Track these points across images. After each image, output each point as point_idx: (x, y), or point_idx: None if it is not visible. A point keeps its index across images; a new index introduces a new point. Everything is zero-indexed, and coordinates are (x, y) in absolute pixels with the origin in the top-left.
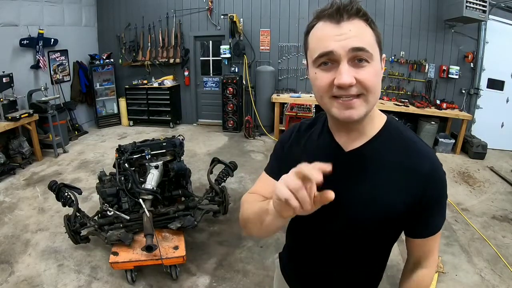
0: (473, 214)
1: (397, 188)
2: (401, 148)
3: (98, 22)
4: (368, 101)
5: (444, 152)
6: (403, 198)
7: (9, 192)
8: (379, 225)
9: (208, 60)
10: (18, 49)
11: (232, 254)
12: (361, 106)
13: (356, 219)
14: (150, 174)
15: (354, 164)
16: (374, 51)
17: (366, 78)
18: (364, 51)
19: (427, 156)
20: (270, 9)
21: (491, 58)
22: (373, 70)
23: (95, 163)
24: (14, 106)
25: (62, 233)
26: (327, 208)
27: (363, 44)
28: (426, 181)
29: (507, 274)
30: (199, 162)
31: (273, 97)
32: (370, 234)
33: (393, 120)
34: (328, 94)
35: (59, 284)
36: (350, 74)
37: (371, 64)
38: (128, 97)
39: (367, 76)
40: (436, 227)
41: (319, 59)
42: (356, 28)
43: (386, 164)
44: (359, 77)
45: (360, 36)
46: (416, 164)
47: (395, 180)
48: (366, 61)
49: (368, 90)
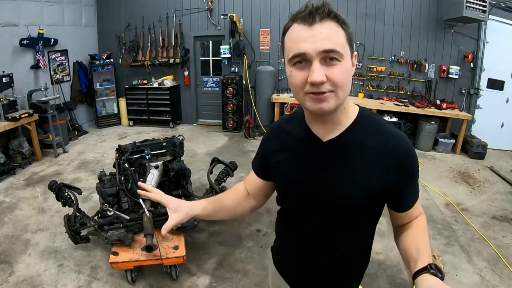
0: (473, 214)
1: (378, 170)
2: (377, 133)
3: (98, 22)
4: (338, 95)
5: (444, 152)
6: (385, 178)
7: (9, 192)
8: (362, 207)
9: (208, 60)
10: (18, 49)
11: (232, 254)
12: (331, 100)
13: (339, 205)
14: (150, 174)
15: (332, 153)
16: (345, 51)
17: (336, 76)
18: (334, 52)
19: (401, 137)
20: (270, 9)
21: (491, 58)
22: (343, 68)
23: (95, 163)
24: (14, 106)
25: (62, 233)
26: (311, 196)
27: (334, 46)
28: (404, 159)
29: (507, 274)
30: (199, 162)
31: (273, 97)
32: (354, 217)
33: (365, 110)
34: (303, 90)
35: (59, 284)
36: (321, 73)
37: (341, 62)
38: (128, 97)
39: (337, 74)
40: (415, 197)
41: (294, 59)
42: (327, 30)
43: (365, 149)
44: (329, 75)
45: (331, 38)
46: (393, 146)
47: (375, 162)
48: (337, 59)
49: (338, 86)
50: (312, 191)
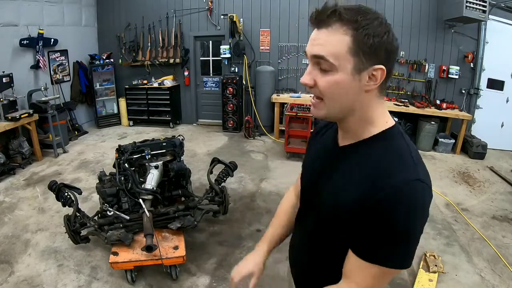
0: (473, 214)
1: (355, 185)
2: (380, 154)
3: (98, 22)
4: (327, 105)
5: (444, 152)
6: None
7: (9, 192)
8: (334, 217)
9: (208, 60)
10: (18, 49)
11: (232, 254)
12: (321, 108)
13: (323, 207)
14: (150, 174)
15: (339, 158)
16: (340, 62)
17: (321, 85)
18: (323, 59)
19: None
20: (270, 9)
21: (491, 58)
22: (331, 79)
23: (95, 163)
24: (14, 106)
25: (62, 233)
26: (311, 197)
27: (323, 53)
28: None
29: (507, 274)
30: (199, 162)
31: (273, 97)
32: (329, 225)
33: (396, 131)
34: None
35: (59, 284)
36: (309, 76)
37: (332, 73)
38: (128, 97)
39: (323, 83)
40: (373, 255)
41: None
42: (327, 36)
43: (359, 163)
44: (318, 82)
45: (325, 45)
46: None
47: (356, 177)
48: (327, 69)
49: (324, 95)
50: (312, 192)
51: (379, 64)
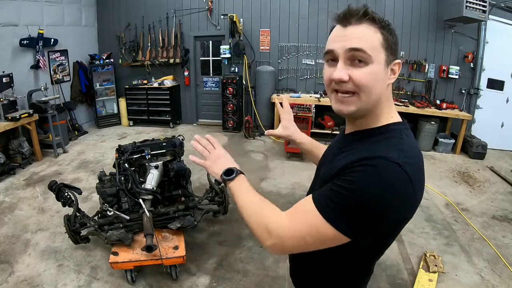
0: (473, 214)
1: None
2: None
3: (98, 22)
4: (361, 99)
5: (444, 152)
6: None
7: (9, 192)
8: None
9: (208, 60)
10: (18, 49)
11: (232, 254)
12: (352, 103)
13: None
14: (150, 174)
15: (343, 144)
16: (376, 54)
17: (359, 77)
18: (360, 51)
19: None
20: (270, 9)
21: (491, 58)
22: (369, 71)
23: (95, 163)
24: (14, 106)
25: (62, 233)
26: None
27: (361, 45)
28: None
29: (507, 274)
30: None
31: (273, 97)
32: None
33: (398, 127)
34: (330, 87)
35: (59, 284)
36: (343, 71)
37: (369, 65)
38: (128, 97)
39: (361, 75)
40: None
41: (326, 56)
42: (360, 31)
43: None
44: (353, 75)
45: (361, 38)
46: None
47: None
48: (364, 61)
49: (360, 88)
50: (316, 175)
51: (398, 60)
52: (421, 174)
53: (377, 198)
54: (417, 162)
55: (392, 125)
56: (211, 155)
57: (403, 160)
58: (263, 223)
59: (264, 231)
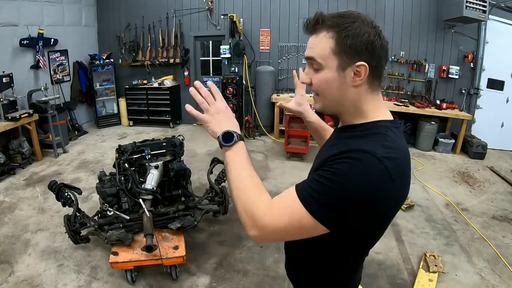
0: (473, 214)
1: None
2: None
3: (98, 22)
4: (321, 100)
5: (444, 152)
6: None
7: (9, 192)
8: None
9: (208, 60)
10: (18, 49)
11: (232, 254)
12: (318, 102)
13: None
14: (150, 174)
15: (332, 139)
16: (326, 61)
17: (314, 82)
18: (312, 59)
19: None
20: (270, 9)
21: (491, 58)
22: (321, 77)
23: (95, 163)
24: (14, 106)
25: (62, 233)
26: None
27: (312, 54)
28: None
29: (507, 274)
30: (199, 162)
31: (273, 97)
32: None
33: (384, 125)
34: None
35: (59, 284)
36: (306, 76)
37: (322, 71)
38: (128, 97)
39: (315, 80)
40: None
41: None
42: (315, 40)
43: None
44: (312, 80)
45: (313, 47)
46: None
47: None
48: (318, 68)
49: (317, 92)
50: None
51: (361, 61)
52: (403, 170)
53: (355, 189)
54: (400, 158)
55: (379, 122)
56: (210, 108)
57: (384, 155)
58: (249, 210)
59: (249, 219)
